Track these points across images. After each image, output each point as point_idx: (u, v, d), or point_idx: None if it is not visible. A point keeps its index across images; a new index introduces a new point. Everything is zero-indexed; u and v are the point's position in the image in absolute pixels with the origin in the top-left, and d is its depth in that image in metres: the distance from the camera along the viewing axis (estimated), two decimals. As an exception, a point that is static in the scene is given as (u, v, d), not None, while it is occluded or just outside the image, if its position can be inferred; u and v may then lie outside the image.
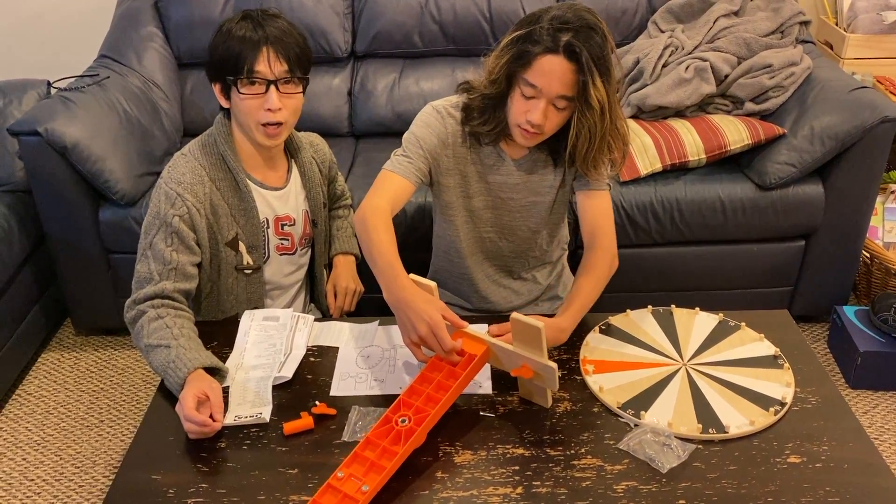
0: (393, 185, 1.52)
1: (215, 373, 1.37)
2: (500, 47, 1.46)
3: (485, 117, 1.52)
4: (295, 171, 1.68)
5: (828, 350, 2.40)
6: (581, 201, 1.61)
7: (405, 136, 1.58)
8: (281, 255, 1.67)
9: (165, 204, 1.50)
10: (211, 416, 1.26)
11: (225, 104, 1.55)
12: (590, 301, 1.51)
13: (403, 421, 1.21)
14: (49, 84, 2.47)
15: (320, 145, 1.80)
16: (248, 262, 1.61)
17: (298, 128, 1.71)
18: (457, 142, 1.58)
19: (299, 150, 1.68)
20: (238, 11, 1.56)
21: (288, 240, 1.67)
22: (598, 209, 1.59)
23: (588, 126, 1.44)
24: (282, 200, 1.64)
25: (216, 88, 1.54)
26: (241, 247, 1.59)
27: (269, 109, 1.49)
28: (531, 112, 1.43)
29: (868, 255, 2.45)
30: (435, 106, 1.59)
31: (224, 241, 1.57)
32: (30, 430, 2.13)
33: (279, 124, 1.52)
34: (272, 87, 1.48)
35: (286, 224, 1.65)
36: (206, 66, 1.54)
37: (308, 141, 1.75)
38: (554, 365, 1.25)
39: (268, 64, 1.47)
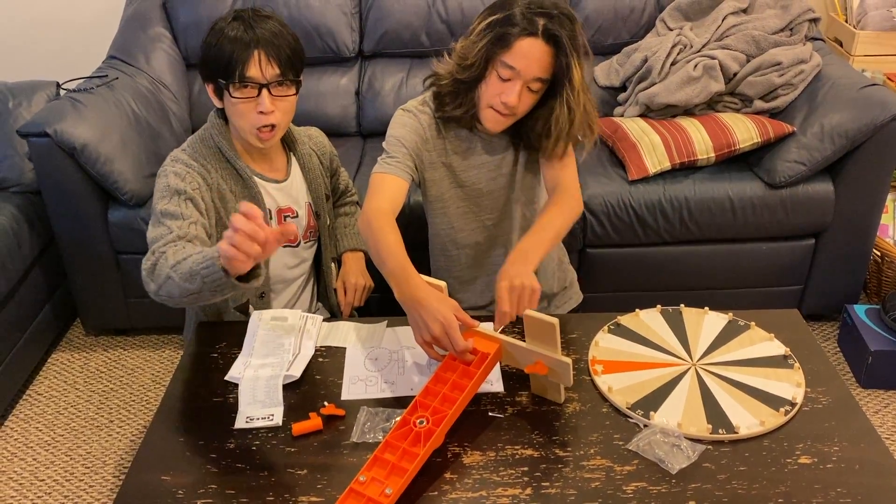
0: (388, 186, 1.54)
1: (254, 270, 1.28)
2: (474, 32, 1.50)
3: (458, 101, 1.55)
4: (295, 163, 1.68)
5: (838, 349, 2.38)
6: (544, 167, 1.62)
7: (385, 142, 1.60)
8: (284, 247, 1.67)
9: (175, 178, 1.48)
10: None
11: (218, 104, 1.55)
12: (551, 230, 1.49)
13: (421, 422, 1.21)
14: (58, 85, 2.48)
15: (318, 137, 1.80)
16: None
17: (303, 125, 1.71)
18: (434, 135, 1.61)
19: (296, 143, 1.68)
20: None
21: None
22: (559, 170, 1.59)
23: (570, 105, 1.48)
24: (283, 192, 1.65)
25: (209, 88, 1.53)
26: None
27: (261, 112, 1.49)
28: (506, 93, 1.47)
29: (879, 253, 2.43)
30: (404, 108, 1.63)
31: None
32: (40, 431, 2.15)
33: (272, 127, 1.52)
34: (264, 91, 1.48)
35: (288, 216, 1.65)
36: (199, 66, 1.54)
37: (306, 134, 1.76)
38: (568, 360, 1.25)
39: (259, 68, 1.46)
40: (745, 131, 2.25)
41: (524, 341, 1.30)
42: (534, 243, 1.44)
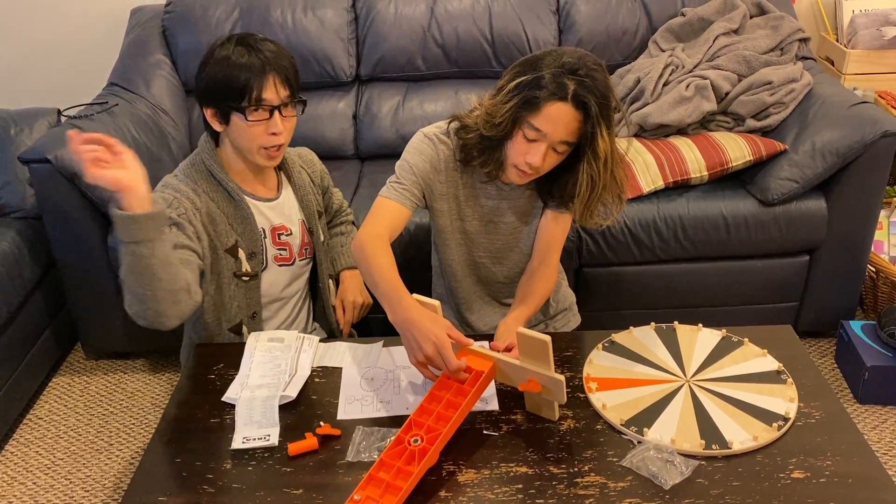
0: (389, 212, 1.55)
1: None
2: (503, 91, 1.47)
3: (483, 157, 1.55)
4: (286, 181, 1.71)
5: (835, 365, 2.39)
6: (547, 217, 1.66)
7: (398, 163, 1.61)
8: (280, 265, 1.68)
9: (163, 206, 1.51)
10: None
11: (219, 128, 1.56)
12: (539, 307, 1.64)
13: (416, 440, 1.22)
14: (59, 112, 2.51)
15: (308, 156, 1.83)
16: (246, 269, 1.62)
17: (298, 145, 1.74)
18: (449, 167, 1.61)
19: (287, 162, 1.71)
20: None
21: (286, 249, 1.68)
22: (560, 230, 1.67)
23: (592, 174, 1.49)
24: (276, 211, 1.67)
25: (209, 112, 1.55)
26: (241, 253, 1.61)
27: (273, 133, 1.52)
28: (531, 154, 1.46)
29: (873, 269, 2.44)
30: (425, 133, 1.61)
31: (224, 247, 1.58)
32: (40, 455, 2.15)
33: (280, 146, 1.56)
34: (276, 113, 1.52)
35: (283, 234, 1.68)
36: (201, 92, 1.55)
37: (296, 153, 1.79)
38: (562, 377, 1.26)
39: (275, 90, 1.50)
40: (737, 150, 2.28)
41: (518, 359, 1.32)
42: (523, 318, 1.57)
